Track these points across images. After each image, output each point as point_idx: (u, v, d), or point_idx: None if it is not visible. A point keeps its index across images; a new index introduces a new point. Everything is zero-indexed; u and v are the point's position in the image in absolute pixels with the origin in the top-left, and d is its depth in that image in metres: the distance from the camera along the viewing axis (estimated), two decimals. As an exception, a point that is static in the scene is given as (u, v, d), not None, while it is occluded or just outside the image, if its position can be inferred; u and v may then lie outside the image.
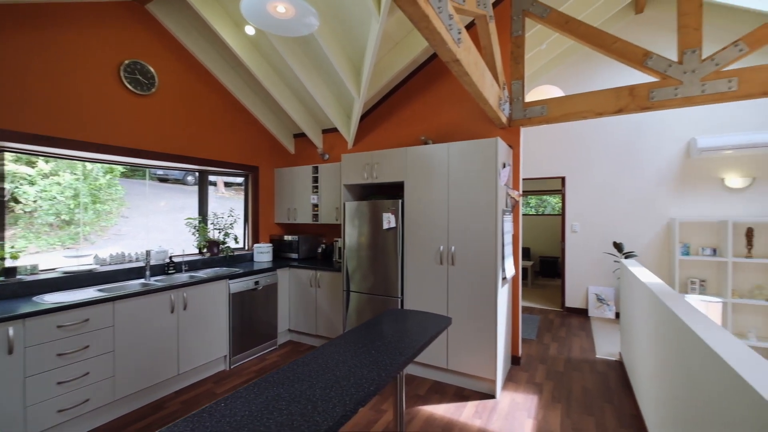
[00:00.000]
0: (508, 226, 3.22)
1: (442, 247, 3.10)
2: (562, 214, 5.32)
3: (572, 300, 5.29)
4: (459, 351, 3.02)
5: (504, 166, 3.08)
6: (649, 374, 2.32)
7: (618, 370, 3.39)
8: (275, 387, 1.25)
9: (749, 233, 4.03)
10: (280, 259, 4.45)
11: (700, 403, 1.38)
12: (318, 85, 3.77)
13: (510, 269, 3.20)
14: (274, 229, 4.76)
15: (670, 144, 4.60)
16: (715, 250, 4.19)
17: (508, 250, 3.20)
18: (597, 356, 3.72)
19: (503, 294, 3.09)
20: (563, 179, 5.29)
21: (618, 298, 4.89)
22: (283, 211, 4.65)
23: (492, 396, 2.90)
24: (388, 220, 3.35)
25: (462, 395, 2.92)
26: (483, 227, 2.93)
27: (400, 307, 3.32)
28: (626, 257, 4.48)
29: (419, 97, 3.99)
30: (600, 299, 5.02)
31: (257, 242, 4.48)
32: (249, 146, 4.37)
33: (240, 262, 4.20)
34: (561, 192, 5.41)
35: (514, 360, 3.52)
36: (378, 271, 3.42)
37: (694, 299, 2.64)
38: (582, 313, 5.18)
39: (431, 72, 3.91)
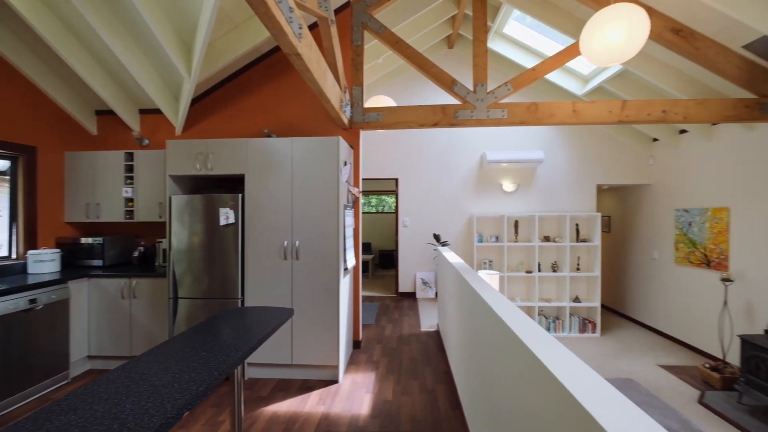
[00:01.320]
0: (350, 221, 3.46)
1: (286, 242, 3.07)
2: (396, 211, 6.06)
3: (404, 286, 6.09)
4: (303, 344, 3.06)
5: (345, 164, 3.29)
6: (454, 335, 2.92)
7: (436, 338, 4.11)
8: (63, 415, 0.99)
9: (516, 224, 5.57)
10: (74, 268, 3.47)
11: (483, 346, 1.84)
12: (137, 59, 3.12)
13: (351, 260, 3.45)
14: (64, 230, 3.68)
15: (470, 156, 5.87)
16: (497, 238, 5.60)
17: (350, 242, 3.44)
18: (421, 330, 4.41)
19: (345, 284, 3.30)
20: (397, 180, 6.04)
21: (437, 280, 5.92)
22: (78, 207, 3.64)
23: (335, 381, 3.06)
24: (227, 216, 3.08)
25: (307, 386, 2.97)
26: (326, 221, 3.06)
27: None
28: (443, 246, 5.48)
29: (263, 89, 3.82)
30: (425, 282, 5.97)
31: (34, 248, 3.37)
32: (19, 119, 3.24)
33: (5, 275, 3.07)
34: (395, 192, 6.15)
35: (356, 344, 3.81)
36: (214, 273, 3.10)
37: (482, 273, 3.47)
38: (412, 296, 6.04)
39: (276, 64, 3.81)
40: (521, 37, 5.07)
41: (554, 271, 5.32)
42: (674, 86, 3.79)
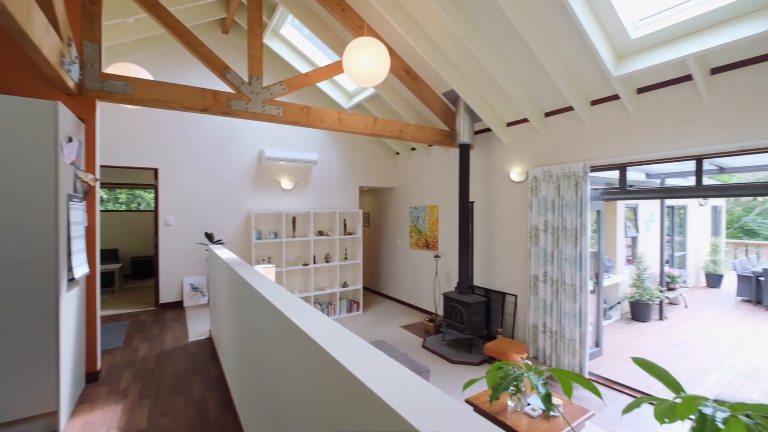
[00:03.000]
0: (79, 216, 2.64)
1: (-53, 249, 2.00)
2: (156, 209, 5.08)
3: (167, 295, 5.18)
4: (-11, 396, 2.09)
5: (70, 141, 2.48)
6: (227, 334, 2.76)
7: (207, 345, 3.74)
8: None
9: (294, 221, 5.83)
10: None
11: (255, 336, 1.84)
12: None
13: (82, 268, 2.63)
14: None
15: (249, 150, 5.67)
16: (276, 234, 5.68)
17: (79, 244, 2.62)
18: (189, 340, 3.90)
19: (71, 301, 2.49)
20: (156, 171, 5.06)
21: (210, 283, 5.38)
22: None
23: (54, 433, 2.26)
24: None
25: (-4, 456, 2.05)
26: (35, 215, 2.20)
27: None
28: (216, 244, 5.03)
29: None
30: (194, 288, 5.29)
31: None
32: None
33: None
34: (154, 185, 5.14)
35: (92, 377, 2.94)
36: None
37: (258, 267, 3.44)
38: (178, 305, 5.22)
39: None
40: (297, 43, 5.36)
41: (327, 261, 5.93)
42: (406, 113, 5.02)
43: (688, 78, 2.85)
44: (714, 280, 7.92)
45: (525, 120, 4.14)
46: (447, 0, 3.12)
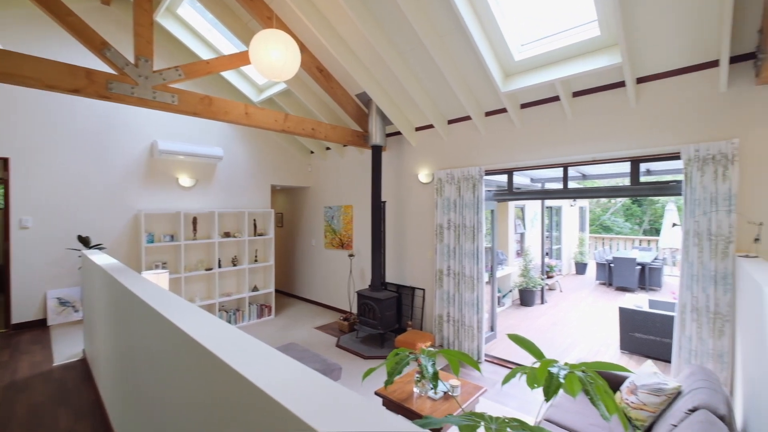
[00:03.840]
0: None
1: None
2: (6, 207, 4.11)
3: (24, 313, 4.24)
4: None
5: None
6: (106, 351, 2.38)
7: (80, 368, 3.17)
8: None
9: (195, 221, 5.29)
10: None
11: (139, 346, 1.63)
12: None
13: None
14: None
15: (137, 142, 4.96)
16: (173, 236, 5.09)
17: None
18: (55, 364, 3.26)
19: None
20: (6, 161, 4.10)
21: (84, 296, 4.57)
22: None
23: None
24: None
25: None
26: None
27: None
28: (93, 249, 4.29)
29: None
30: (63, 303, 4.43)
31: None
32: None
33: None
34: (3, 179, 4.16)
35: None
36: None
37: (147, 274, 3.04)
38: (39, 324, 4.31)
39: None
40: (199, 27, 4.88)
41: (234, 265, 5.52)
42: (320, 111, 4.97)
43: (557, 98, 3.40)
44: (581, 267, 9.55)
45: (431, 126, 4.44)
46: (357, 2, 3.19)
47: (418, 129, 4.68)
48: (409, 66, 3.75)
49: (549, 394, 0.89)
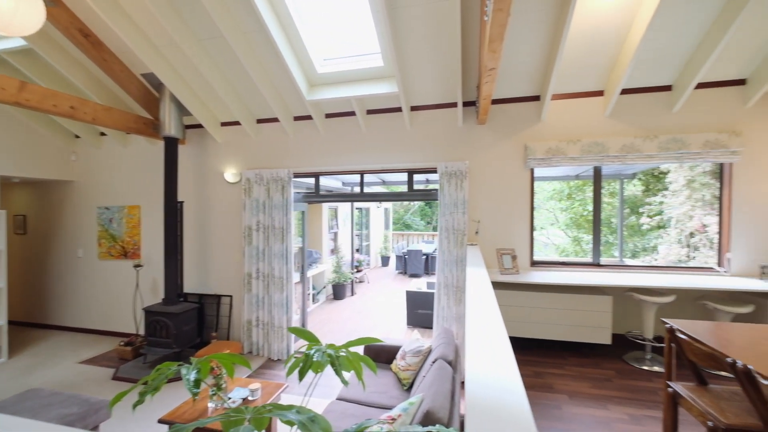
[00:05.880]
0: None
1: None
2: None
3: None
4: None
5: None
6: None
7: None
8: None
9: None
10: None
11: None
12: None
13: None
14: None
15: None
16: None
17: None
18: None
19: None
20: None
21: None
22: None
23: None
24: None
25: None
26: None
27: None
28: None
29: None
30: None
31: None
32: None
33: None
34: None
35: None
36: None
37: None
38: None
39: None
40: None
41: (-77, 294, 3.67)
42: (85, 85, 3.90)
43: (354, 113, 3.85)
44: (385, 260, 11.10)
45: (238, 122, 4.22)
46: (136, -33, 2.70)
47: (224, 124, 4.36)
48: (211, 56, 3.45)
49: (302, 374, 1.03)
